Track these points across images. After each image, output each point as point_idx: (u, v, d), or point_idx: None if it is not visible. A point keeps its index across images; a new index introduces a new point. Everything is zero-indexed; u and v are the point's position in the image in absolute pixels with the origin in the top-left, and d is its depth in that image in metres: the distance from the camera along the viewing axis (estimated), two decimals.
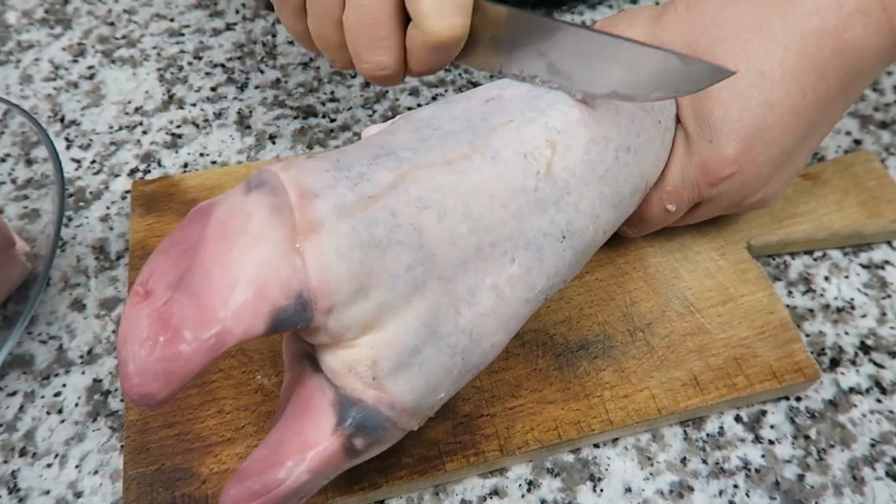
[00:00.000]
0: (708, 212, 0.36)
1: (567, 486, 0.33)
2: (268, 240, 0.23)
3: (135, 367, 0.21)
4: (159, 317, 0.22)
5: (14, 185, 0.42)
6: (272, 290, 0.22)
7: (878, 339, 0.38)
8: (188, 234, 0.24)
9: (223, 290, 0.22)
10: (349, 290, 0.23)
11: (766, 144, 0.32)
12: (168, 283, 0.22)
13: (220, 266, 0.22)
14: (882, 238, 0.41)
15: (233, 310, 0.22)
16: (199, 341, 0.22)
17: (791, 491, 0.33)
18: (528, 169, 0.28)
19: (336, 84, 0.49)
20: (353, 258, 0.23)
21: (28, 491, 0.32)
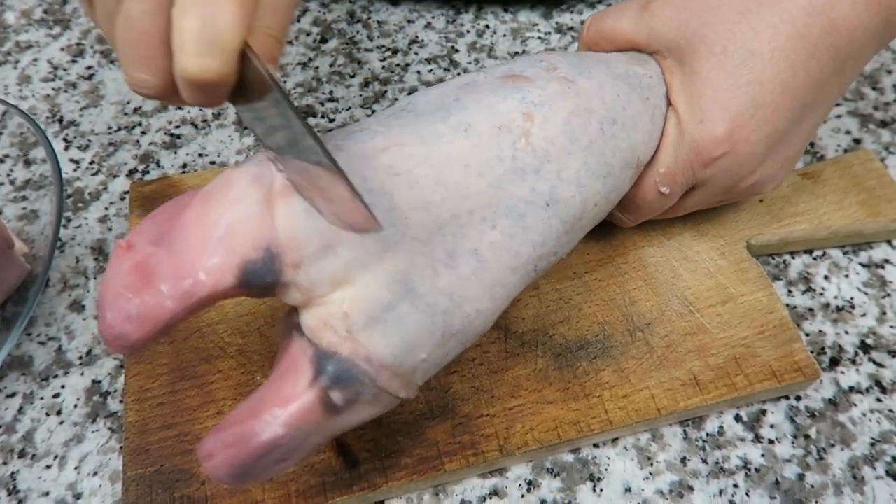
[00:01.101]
0: (703, 197, 0.35)
1: (567, 486, 0.33)
2: (244, 201, 0.24)
3: (111, 311, 0.24)
4: (139, 267, 0.24)
5: (13, 186, 0.42)
6: (242, 245, 0.24)
7: (878, 338, 0.38)
8: (179, 203, 0.26)
9: (198, 246, 0.24)
10: (317, 246, 0.24)
11: (758, 123, 0.32)
12: (150, 238, 0.25)
13: (197, 225, 0.24)
14: (882, 237, 0.41)
15: (204, 262, 0.24)
16: (173, 290, 0.24)
17: (791, 490, 0.33)
18: (503, 140, 0.29)
19: (335, 84, 0.49)
20: (320, 216, 0.24)
21: (27, 492, 0.32)
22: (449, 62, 0.50)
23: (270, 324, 0.36)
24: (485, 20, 0.53)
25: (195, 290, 0.24)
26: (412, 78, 0.49)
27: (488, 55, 0.51)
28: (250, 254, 0.24)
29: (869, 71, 0.51)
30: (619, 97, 0.32)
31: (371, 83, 0.49)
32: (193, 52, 0.24)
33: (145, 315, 0.23)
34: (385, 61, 0.51)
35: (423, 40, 0.52)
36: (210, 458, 0.25)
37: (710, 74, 0.32)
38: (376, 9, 0.54)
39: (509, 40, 0.52)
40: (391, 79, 0.49)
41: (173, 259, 0.24)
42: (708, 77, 0.32)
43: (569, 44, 0.52)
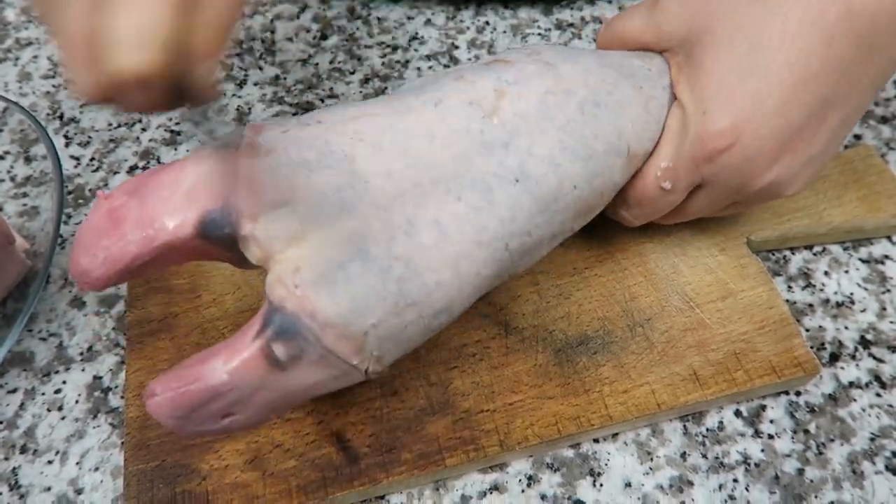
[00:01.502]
0: (711, 198, 0.34)
1: (567, 480, 0.33)
2: (211, 160, 0.26)
3: (80, 248, 0.26)
4: (111, 213, 0.26)
5: (13, 183, 0.42)
6: (203, 196, 0.26)
7: (878, 333, 0.38)
8: (162, 165, 0.28)
9: (163, 196, 0.26)
10: (274, 201, 0.26)
11: (767, 115, 0.30)
12: (127, 191, 0.27)
13: (167, 179, 0.26)
14: (882, 233, 0.41)
15: (166, 210, 0.26)
16: (136, 234, 0.26)
17: (791, 485, 0.33)
18: (472, 114, 0.29)
19: (335, 81, 0.49)
20: (280, 173, 0.26)
21: (29, 488, 0.32)
22: (449, 59, 0.50)
23: None
24: (485, 17, 0.53)
25: (157, 235, 0.25)
26: (412, 74, 0.49)
27: (488, 51, 0.51)
28: (209, 204, 0.25)
29: None
30: (604, 82, 0.31)
31: (371, 80, 0.49)
32: (119, 48, 0.23)
33: (109, 255, 0.26)
34: (385, 58, 0.51)
35: (424, 37, 0.52)
36: (153, 396, 0.25)
37: (714, 65, 0.31)
38: (376, 5, 0.54)
39: (509, 37, 0.52)
40: (391, 75, 0.49)
41: (142, 208, 0.26)
42: (712, 67, 0.31)
43: (569, 40, 0.52)
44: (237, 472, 0.31)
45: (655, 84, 0.33)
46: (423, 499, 0.32)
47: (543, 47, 0.32)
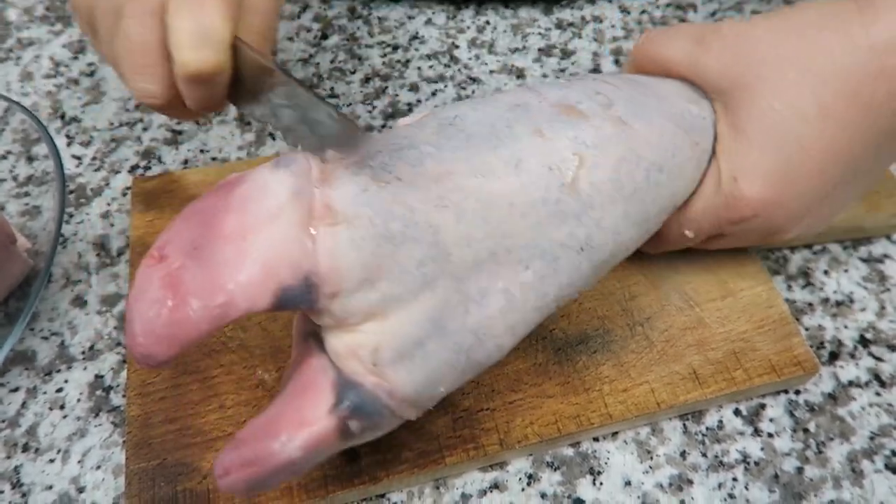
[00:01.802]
0: (730, 243, 0.34)
1: (567, 479, 0.33)
2: (284, 219, 0.23)
3: (141, 327, 0.22)
4: (170, 281, 0.23)
5: (15, 182, 0.42)
6: (281, 269, 0.23)
7: (878, 332, 0.38)
8: (210, 203, 0.24)
9: (233, 263, 0.23)
10: (357, 280, 0.24)
11: (798, 189, 0.30)
12: (183, 248, 0.23)
13: (233, 238, 0.23)
14: (881, 232, 0.41)
15: (240, 283, 0.23)
16: (205, 310, 0.22)
17: (790, 484, 0.33)
18: (551, 181, 0.28)
19: (336, 80, 0.49)
20: (365, 249, 0.24)
21: (31, 486, 0.33)
22: (449, 58, 0.51)
23: (272, 318, 0.36)
24: (485, 16, 0.53)
25: (228, 311, 0.23)
26: (413, 74, 0.50)
27: (489, 51, 0.51)
28: (288, 280, 0.23)
29: None
30: (670, 143, 0.31)
31: (372, 79, 0.49)
32: (189, 46, 0.26)
33: (175, 334, 0.22)
34: (386, 57, 0.51)
35: (424, 36, 0.52)
36: (226, 475, 0.25)
37: (751, 132, 0.30)
38: (377, 5, 0.54)
39: (510, 36, 0.52)
40: (392, 75, 0.49)
41: (207, 274, 0.23)
42: (749, 134, 0.30)
43: (569, 39, 0.52)
44: None
45: (707, 137, 0.32)
46: (424, 497, 0.33)
47: (613, 92, 0.31)
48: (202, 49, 0.26)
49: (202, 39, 0.26)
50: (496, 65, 0.50)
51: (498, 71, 0.50)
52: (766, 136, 0.30)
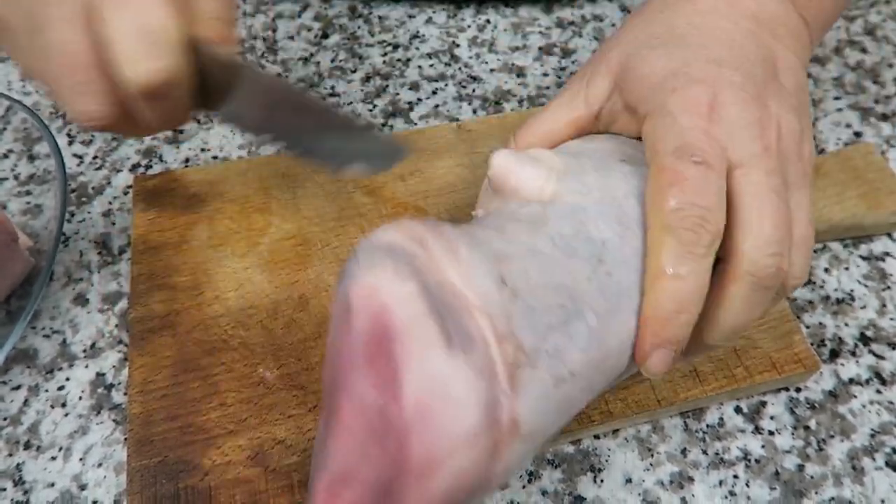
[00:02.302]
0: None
1: (568, 476, 0.33)
2: (477, 449, 0.21)
3: None
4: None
5: (17, 181, 0.42)
6: (459, 496, 0.21)
7: (878, 330, 0.38)
8: (377, 401, 0.21)
9: (418, 498, 0.21)
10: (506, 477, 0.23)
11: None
12: (366, 489, 0.21)
13: (422, 472, 0.20)
14: (882, 230, 0.41)
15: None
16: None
17: (791, 481, 0.33)
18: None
19: (336, 79, 0.49)
20: (528, 454, 0.23)
21: (33, 483, 0.33)
22: (450, 57, 0.51)
23: (273, 317, 0.36)
24: (486, 15, 0.53)
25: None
26: (413, 73, 0.50)
27: (489, 50, 0.51)
28: (460, 499, 0.21)
29: (870, 64, 0.51)
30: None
31: (372, 78, 0.49)
32: (133, 56, 0.21)
33: None
34: (386, 56, 0.51)
35: (425, 35, 0.52)
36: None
37: (645, 68, 0.29)
38: (377, 4, 0.54)
39: (510, 35, 0.52)
40: (392, 73, 0.50)
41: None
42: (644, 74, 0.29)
43: (570, 38, 0.52)
44: (240, 467, 0.31)
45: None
46: None
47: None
48: (149, 57, 0.21)
49: (147, 45, 0.21)
50: (497, 63, 0.50)
51: (498, 70, 0.50)
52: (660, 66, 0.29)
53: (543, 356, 0.22)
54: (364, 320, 0.21)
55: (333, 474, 0.21)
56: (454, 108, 0.48)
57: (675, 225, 0.25)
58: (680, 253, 0.25)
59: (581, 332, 0.24)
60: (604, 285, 0.25)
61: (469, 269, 0.22)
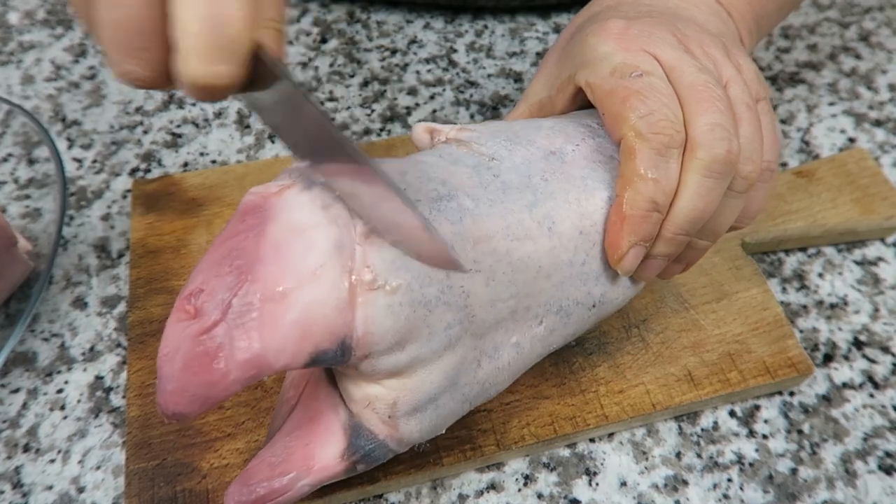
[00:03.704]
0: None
1: (563, 480, 0.33)
2: (325, 280, 0.22)
3: (173, 386, 0.22)
4: (204, 340, 0.22)
5: (16, 185, 0.42)
6: (317, 334, 0.23)
7: (871, 334, 0.39)
8: (242, 243, 0.23)
9: (270, 325, 0.22)
10: (389, 343, 0.24)
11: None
12: (216, 302, 0.22)
13: (271, 297, 0.22)
14: (875, 235, 0.42)
15: (277, 348, 0.22)
16: (239, 370, 0.22)
17: (784, 484, 0.34)
18: (580, 244, 0.28)
19: (335, 84, 0.49)
20: (400, 315, 0.24)
21: (31, 486, 0.33)
22: (448, 62, 0.51)
23: None
24: (483, 20, 0.54)
25: (262, 372, 0.23)
26: (411, 77, 0.50)
27: (487, 55, 0.51)
28: (324, 344, 0.23)
29: (864, 71, 0.51)
30: None
31: (370, 83, 0.50)
32: (203, 57, 0.21)
33: (207, 396, 0.22)
34: (384, 61, 0.51)
35: (422, 40, 0.52)
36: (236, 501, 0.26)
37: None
38: (376, 9, 0.54)
39: (507, 40, 0.52)
40: (390, 78, 0.50)
41: (243, 336, 0.22)
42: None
43: None
44: (237, 470, 0.32)
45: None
46: (421, 497, 0.33)
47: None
48: (217, 62, 0.21)
49: (216, 46, 0.21)
50: (494, 69, 0.51)
51: (496, 75, 0.50)
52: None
53: None
54: (248, 199, 0.24)
55: (188, 288, 0.23)
56: (452, 113, 0.48)
57: (646, 131, 0.27)
58: (654, 157, 0.27)
59: (451, 209, 0.25)
60: (486, 182, 0.27)
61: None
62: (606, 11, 0.32)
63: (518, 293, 0.27)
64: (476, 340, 0.27)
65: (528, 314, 0.28)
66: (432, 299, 0.24)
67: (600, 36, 0.29)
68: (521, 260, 0.27)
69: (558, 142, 0.29)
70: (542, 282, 0.27)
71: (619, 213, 0.27)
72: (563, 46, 0.32)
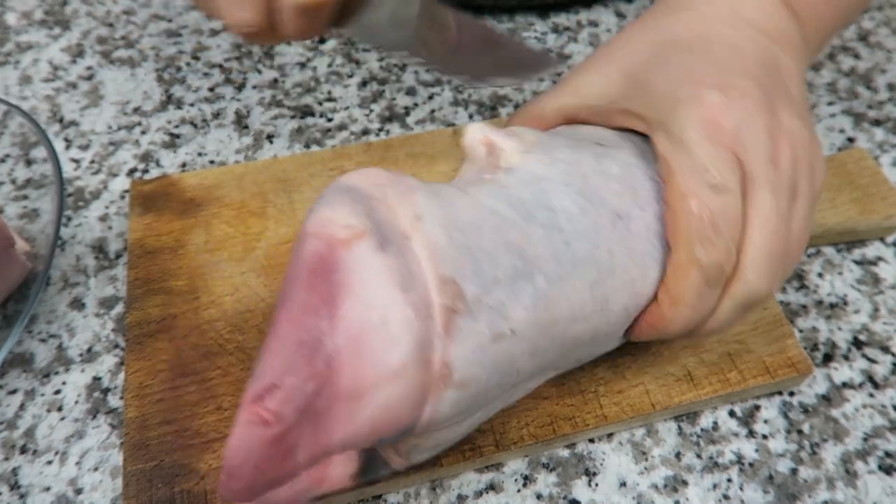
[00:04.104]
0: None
1: (562, 480, 0.33)
2: (404, 384, 0.22)
3: (240, 486, 0.22)
4: (279, 443, 0.22)
5: (14, 186, 0.42)
6: (387, 429, 0.23)
7: (871, 334, 0.39)
8: (316, 325, 0.22)
9: (346, 423, 0.22)
10: (446, 423, 0.24)
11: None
12: (294, 405, 0.21)
13: (350, 397, 0.22)
14: (875, 235, 0.42)
15: (347, 441, 0.22)
16: (307, 462, 0.22)
17: (784, 485, 0.33)
18: (621, 321, 0.28)
19: (333, 84, 0.49)
20: (462, 405, 0.24)
21: (29, 488, 0.33)
22: None
23: (269, 321, 0.36)
24: (482, 20, 0.54)
25: (325, 458, 0.23)
26: (410, 78, 0.50)
27: None
28: (389, 434, 0.23)
29: (863, 70, 0.51)
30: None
31: (369, 83, 0.49)
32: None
33: (271, 485, 0.23)
34: (383, 61, 0.51)
35: None
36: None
37: (659, 81, 0.29)
38: None
39: None
40: (389, 79, 0.50)
41: (315, 435, 0.22)
42: (657, 83, 0.29)
43: (565, 43, 0.52)
44: None
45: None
46: (420, 498, 0.33)
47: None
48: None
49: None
50: None
51: None
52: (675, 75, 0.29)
53: (485, 308, 0.23)
54: (313, 245, 0.22)
55: (261, 383, 0.21)
56: (450, 114, 0.48)
57: (703, 260, 0.26)
58: (702, 289, 0.27)
59: (527, 292, 0.24)
60: (558, 252, 0.25)
61: (421, 216, 0.23)
62: (695, 57, 0.29)
63: (557, 359, 0.27)
64: (505, 394, 0.27)
65: (553, 368, 0.28)
66: (493, 386, 0.25)
67: (696, 119, 0.27)
68: (574, 337, 0.26)
69: (626, 202, 0.28)
70: (579, 349, 0.28)
71: (655, 319, 0.28)
72: (622, 78, 0.30)
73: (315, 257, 0.22)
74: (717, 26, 0.30)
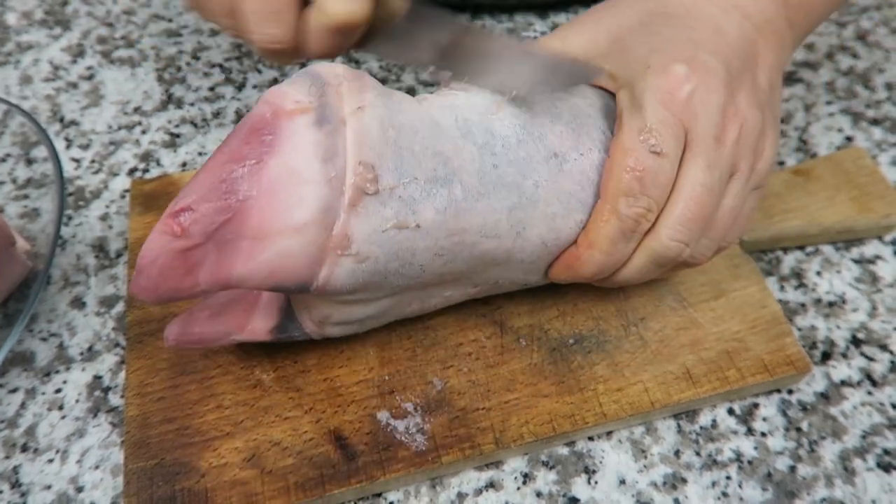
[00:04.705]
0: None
1: (562, 478, 0.33)
2: (303, 239, 0.25)
3: (146, 284, 0.25)
4: (183, 257, 0.25)
5: (14, 185, 0.42)
6: (282, 276, 0.25)
7: (870, 332, 0.39)
8: (240, 172, 0.24)
9: (246, 258, 0.25)
10: (340, 293, 0.27)
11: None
12: (203, 227, 0.24)
13: (254, 236, 0.24)
14: (873, 233, 0.42)
15: (245, 276, 0.25)
16: (207, 287, 0.25)
17: (783, 482, 0.34)
18: (537, 252, 0.30)
19: None
20: (359, 278, 0.26)
21: (30, 486, 0.33)
22: None
23: None
24: (481, 20, 0.54)
25: (224, 289, 0.26)
26: (409, 78, 0.50)
27: None
28: (285, 283, 0.26)
29: (861, 69, 0.51)
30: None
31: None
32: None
33: (173, 296, 0.25)
34: (382, 61, 0.51)
35: None
36: (172, 341, 0.31)
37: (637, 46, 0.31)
38: None
39: None
40: (389, 78, 0.50)
41: (220, 262, 0.25)
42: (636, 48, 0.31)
43: None
44: (236, 469, 0.32)
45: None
46: (420, 496, 0.33)
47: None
48: (352, 1, 0.26)
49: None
50: None
51: None
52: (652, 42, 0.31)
53: (396, 199, 0.26)
54: (261, 109, 0.25)
55: (180, 203, 0.24)
56: None
57: (623, 212, 0.28)
58: (617, 237, 0.29)
59: (442, 196, 0.27)
60: (484, 172, 0.28)
61: (364, 108, 0.26)
62: (677, 31, 0.31)
63: (468, 271, 0.30)
64: (416, 292, 0.30)
65: (469, 282, 0.31)
66: (392, 271, 0.27)
67: (657, 84, 0.29)
68: (483, 252, 0.29)
69: (567, 144, 0.30)
70: (492, 268, 0.30)
71: (570, 259, 0.30)
72: (607, 39, 0.31)
73: (259, 118, 0.25)
74: (706, 6, 0.31)
